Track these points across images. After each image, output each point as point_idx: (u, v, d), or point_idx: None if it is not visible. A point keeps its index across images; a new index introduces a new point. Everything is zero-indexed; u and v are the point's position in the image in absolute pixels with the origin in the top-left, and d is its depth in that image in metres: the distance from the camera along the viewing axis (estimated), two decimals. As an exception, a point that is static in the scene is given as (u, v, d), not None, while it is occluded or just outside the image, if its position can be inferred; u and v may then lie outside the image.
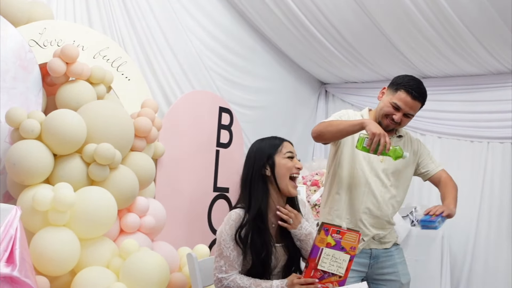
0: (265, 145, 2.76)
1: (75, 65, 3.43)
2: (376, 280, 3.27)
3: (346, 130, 3.04)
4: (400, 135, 3.37)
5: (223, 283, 2.60)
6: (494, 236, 5.11)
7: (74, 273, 3.13)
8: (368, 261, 3.26)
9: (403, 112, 3.17)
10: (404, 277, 3.33)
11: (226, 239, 2.62)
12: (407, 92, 3.15)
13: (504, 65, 4.98)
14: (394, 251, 3.35)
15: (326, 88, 6.38)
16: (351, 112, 3.36)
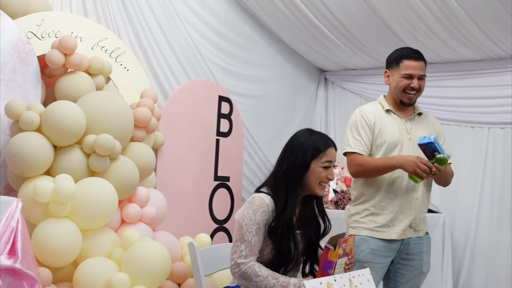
0: (310, 145, 2.73)
1: (74, 56, 3.43)
2: (399, 264, 3.35)
3: (385, 172, 3.23)
4: (420, 113, 3.49)
5: (240, 268, 2.59)
6: (495, 221, 5.10)
7: (76, 264, 3.15)
8: (399, 247, 3.32)
9: (417, 76, 3.33)
10: (426, 266, 3.41)
11: (249, 224, 2.61)
12: (409, 58, 3.34)
13: (504, 50, 4.96)
14: (424, 240, 3.42)
15: (325, 76, 6.36)
16: (367, 107, 3.45)
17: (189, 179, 4.41)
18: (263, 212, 2.62)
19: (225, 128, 4.77)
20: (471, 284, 5.17)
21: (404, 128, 3.36)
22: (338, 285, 2.22)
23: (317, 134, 2.80)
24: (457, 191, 5.32)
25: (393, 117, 3.38)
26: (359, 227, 3.31)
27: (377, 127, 3.32)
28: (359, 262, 3.22)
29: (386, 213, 3.29)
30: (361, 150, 3.29)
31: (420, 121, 3.45)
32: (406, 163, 3.09)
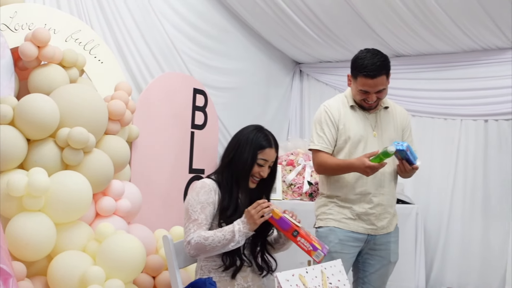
0: (255, 141, 2.93)
1: (47, 48, 3.40)
2: (367, 254, 3.39)
3: (345, 173, 3.28)
4: (386, 106, 3.45)
5: (190, 242, 2.75)
6: (467, 212, 5.18)
7: (50, 258, 3.13)
8: (367, 237, 3.35)
9: (373, 92, 3.25)
10: (394, 256, 3.46)
11: (193, 204, 2.82)
12: (364, 76, 3.20)
13: (477, 43, 5.02)
14: (392, 231, 3.46)
15: (300, 68, 6.38)
16: (332, 103, 3.43)
17: (164, 172, 4.41)
18: (205, 192, 2.83)
19: (200, 120, 4.77)
20: (444, 275, 5.24)
21: (368, 124, 3.36)
22: (310, 277, 2.25)
23: (263, 131, 3.01)
24: (430, 182, 5.39)
25: (357, 112, 3.37)
26: (327, 218, 3.35)
27: (342, 123, 3.33)
28: (328, 253, 3.26)
29: (353, 208, 3.32)
30: (324, 148, 3.32)
31: (386, 116, 3.43)
32: (358, 168, 3.14)
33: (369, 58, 3.22)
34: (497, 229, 5.03)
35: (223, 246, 2.72)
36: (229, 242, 2.71)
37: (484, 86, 5.16)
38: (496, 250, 5.01)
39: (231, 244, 2.71)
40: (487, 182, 5.11)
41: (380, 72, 3.19)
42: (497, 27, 4.65)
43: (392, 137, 3.38)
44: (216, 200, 2.87)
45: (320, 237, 3.31)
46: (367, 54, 3.25)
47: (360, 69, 3.21)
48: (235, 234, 2.71)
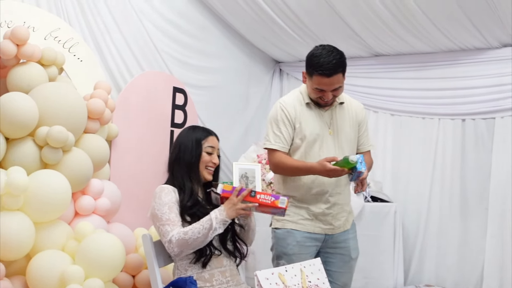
0: (194, 136, 3.05)
1: (26, 46, 3.38)
2: (327, 253, 3.35)
3: (303, 174, 3.23)
4: (342, 102, 3.37)
5: (171, 241, 2.77)
6: (445, 211, 5.23)
7: (29, 257, 3.11)
8: (324, 237, 3.33)
9: (328, 90, 3.16)
10: (354, 251, 3.43)
11: (160, 208, 2.86)
12: (320, 75, 3.10)
13: (455, 43, 5.07)
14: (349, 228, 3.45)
15: (280, 67, 6.39)
16: (287, 100, 3.35)
17: (143, 171, 4.40)
18: (166, 193, 2.90)
19: (180, 119, 4.77)
20: (422, 272, 5.29)
21: (324, 122, 3.29)
22: (289, 275, 2.26)
23: (199, 127, 3.16)
24: (408, 181, 5.43)
25: (313, 110, 3.30)
26: (284, 220, 3.29)
27: (298, 122, 3.26)
28: (286, 255, 3.25)
29: (310, 208, 3.29)
30: (281, 147, 3.25)
31: (341, 112, 3.36)
32: (320, 172, 3.09)
33: (324, 56, 3.10)
34: (475, 227, 5.08)
35: (204, 236, 2.75)
36: (208, 231, 2.74)
37: (461, 85, 5.21)
38: (474, 248, 5.07)
39: (210, 232, 2.74)
40: (464, 181, 5.17)
41: (336, 71, 3.09)
42: (475, 28, 4.70)
43: (348, 134, 3.35)
44: (178, 199, 2.92)
45: (278, 238, 3.31)
46: (323, 52, 3.14)
47: (316, 68, 3.10)
48: (212, 222, 2.75)
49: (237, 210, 2.78)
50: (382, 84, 5.64)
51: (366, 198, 5.09)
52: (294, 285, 2.26)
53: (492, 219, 4.93)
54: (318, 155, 3.24)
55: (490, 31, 4.75)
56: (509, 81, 4.93)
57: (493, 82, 5.03)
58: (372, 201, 5.12)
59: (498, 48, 5.02)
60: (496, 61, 5.04)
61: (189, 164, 3.01)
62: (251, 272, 4.58)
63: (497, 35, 4.81)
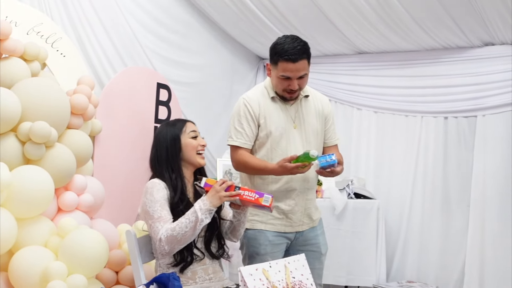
0: (171, 128, 3.04)
1: (8, 41, 3.35)
2: (298, 251, 3.27)
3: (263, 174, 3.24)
4: (307, 95, 3.37)
5: (161, 240, 2.74)
6: (427, 208, 5.26)
7: (11, 253, 3.09)
8: (294, 235, 3.35)
9: (295, 77, 3.15)
10: (324, 247, 3.44)
11: (151, 205, 2.83)
12: (285, 60, 3.11)
13: (437, 41, 5.10)
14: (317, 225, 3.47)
15: (264, 63, 6.39)
16: (251, 95, 3.33)
17: (127, 167, 4.38)
18: (158, 190, 2.87)
19: (164, 115, 4.76)
20: (404, 268, 5.33)
21: (289, 115, 3.28)
22: (273, 271, 2.26)
23: (172, 120, 3.16)
24: (391, 177, 5.47)
25: (279, 104, 3.28)
26: (253, 220, 3.28)
27: (262, 117, 3.24)
28: (259, 255, 3.24)
29: (280, 206, 3.27)
30: (242, 144, 3.24)
31: (307, 105, 3.34)
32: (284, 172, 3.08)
33: (289, 43, 3.13)
34: (456, 223, 5.12)
35: (192, 230, 2.72)
36: (195, 224, 2.72)
37: (444, 84, 5.25)
38: (455, 244, 5.11)
39: (197, 224, 2.72)
40: (446, 178, 5.21)
41: (301, 56, 3.10)
42: (457, 26, 4.73)
43: (314, 127, 3.34)
44: (169, 196, 2.90)
45: (249, 238, 3.29)
46: (286, 39, 3.17)
47: (281, 54, 3.12)
48: (197, 213, 2.72)
49: (221, 198, 2.77)
50: (365, 82, 5.67)
51: (350, 195, 5.11)
52: (278, 280, 2.27)
53: (474, 216, 4.97)
54: (285, 150, 3.24)
55: (472, 30, 4.79)
56: (491, 80, 4.98)
57: (475, 80, 5.07)
58: (355, 197, 5.15)
59: (480, 47, 5.06)
60: (478, 60, 5.08)
61: (173, 158, 2.99)
62: (235, 268, 4.58)
63: (479, 34, 4.84)
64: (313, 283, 2.35)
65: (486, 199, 4.91)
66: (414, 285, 4.94)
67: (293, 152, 3.16)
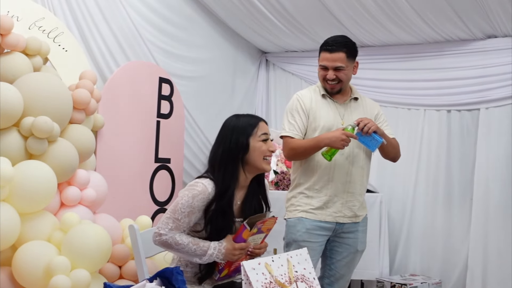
0: (241, 125, 2.79)
1: (10, 36, 3.35)
2: (335, 242, 3.46)
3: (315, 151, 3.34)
4: (356, 97, 3.55)
5: (161, 238, 2.63)
6: (430, 201, 5.25)
7: (15, 248, 3.11)
8: (334, 226, 3.42)
9: (331, 68, 3.39)
10: (361, 245, 3.53)
11: (184, 205, 2.63)
12: (324, 50, 3.44)
13: (440, 34, 5.08)
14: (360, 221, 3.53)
15: (266, 57, 6.38)
16: (304, 92, 3.56)
17: (129, 161, 4.39)
18: (202, 199, 2.65)
19: (166, 109, 4.76)
20: (407, 262, 5.32)
21: (338, 113, 3.45)
22: (276, 265, 2.26)
23: (245, 115, 2.89)
24: (394, 171, 5.45)
25: (328, 102, 3.48)
26: (295, 210, 3.43)
27: (312, 112, 3.43)
28: (296, 242, 3.36)
29: (320, 196, 3.40)
30: (294, 134, 3.40)
31: (356, 106, 3.53)
32: (333, 141, 3.21)
33: (333, 37, 3.48)
34: (459, 216, 5.11)
35: (188, 256, 2.65)
36: (195, 257, 2.63)
37: (447, 77, 5.23)
38: (458, 237, 5.10)
39: (196, 258, 2.64)
40: (449, 171, 5.19)
41: (338, 48, 3.39)
42: (459, 18, 4.71)
43: None
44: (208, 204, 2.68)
45: (289, 226, 3.43)
46: (334, 35, 3.51)
47: (322, 45, 3.46)
48: (205, 256, 2.62)
49: (233, 257, 2.64)
50: (368, 75, 5.64)
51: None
52: (280, 275, 2.26)
53: (476, 209, 4.96)
54: None
55: (474, 22, 4.77)
56: (494, 72, 4.95)
57: (478, 73, 5.05)
58: (358, 191, 5.14)
59: (483, 39, 5.04)
60: (481, 53, 5.06)
61: (233, 162, 2.74)
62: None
63: (481, 26, 4.82)
64: (316, 277, 2.35)
65: (489, 192, 4.89)
66: (417, 278, 4.94)
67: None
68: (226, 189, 2.69)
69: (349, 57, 3.41)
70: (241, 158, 2.74)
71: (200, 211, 2.67)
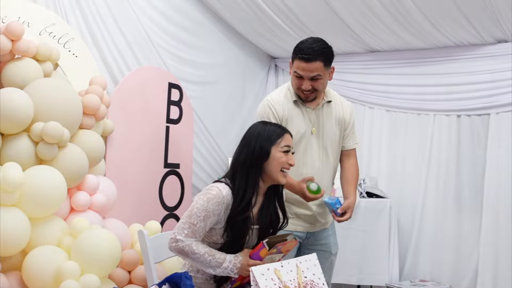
0: (267, 133, 2.77)
1: (21, 42, 3.37)
2: (308, 250, 3.33)
3: None
4: (329, 100, 3.37)
5: (178, 244, 2.62)
6: (440, 206, 5.23)
7: (25, 253, 3.12)
8: (306, 234, 3.36)
9: (307, 78, 3.16)
10: (334, 247, 3.46)
11: (200, 209, 2.62)
12: (299, 59, 3.14)
13: (450, 39, 5.08)
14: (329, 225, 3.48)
15: (275, 62, 6.39)
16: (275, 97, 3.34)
17: (139, 166, 4.40)
18: (217, 203, 2.63)
19: (175, 115, 4.77)
20: (417, 268, 5.31)
21: (308, 120, 3.29)
22: (285, 271, 2.27)
23: (272, 123, 2.86)
24: (403, 176, 5.44)
25: (300, 108, 3.30)
26: None
27: (285, 120, 3.24)
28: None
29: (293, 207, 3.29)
30: None
31: (328, 111, 3.36)
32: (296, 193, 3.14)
33: (309, 42, 3.16)
34: (469, 222, 5.09)
35: (203, 266, 2.64)
36: (210, 268, 2.63)
37: (456, 81, 5.22)
38: (468, 243, 5.08)
39: (210, 269, 2.63)
40: (459, 177, 5.18)
41: (315, 57, 3.10)
42: (469, 23, 4.71)
43: (332, 133, 3.35)
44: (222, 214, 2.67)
45: None
46: (309, 39, 3.20)
47: (297, 52, 3.16)
48: (219, 268, 2.61)
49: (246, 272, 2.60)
50: (377, 80, 5.64)
51: (362, 194, 5.10)
52: (289, 280, 2.27)
53: (487, 215, 4.94)
54: (303, 155, 3.26)
55: (484, 27, 4.76)
56: (504, 77, 4.94)
57: (488, 78, 5.04)
58: (367, 196, 5.13)
59: (492, 44, 5.03)
60: (491, 57, 5.05)
61: (253, 168, 2.72)
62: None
63: (491, 31, 4.81)
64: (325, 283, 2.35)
65: (500, 198, 4.87)
66: (427, 284, 4.93)
67: (309, 157, 3.24)
68: (244, 193, 2.68)
69: (326, 65, 3.17)
70: (260, 165, 2.73)
71: (215, 215, 2.64)
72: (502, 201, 4.85)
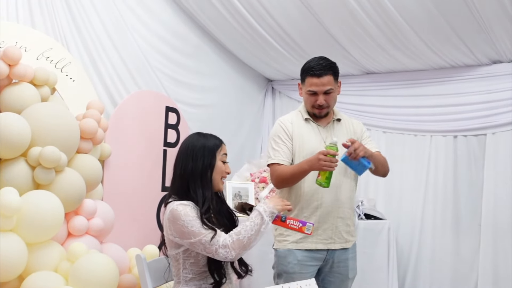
0: (210, 143, 2.86)
1: (18, 67, 3.38)
2: (326, 272, 3.35)
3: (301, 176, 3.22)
4: (339, 119, 3.46)
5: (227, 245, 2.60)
6: (438, 227, 5.24)
7: (22, 278, 3.10)
8: (325, 256, 3.33)
9: (321, 92, 3.29)
10: (352, 271, 3.42)
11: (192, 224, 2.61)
12: (310, 75, 3.30)
13: (445, 60, 5.11)
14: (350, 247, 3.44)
15: (272, 85, 6.42)
16: (286, 117, 3.47)
17: (136, 190, 4.39)
18: (191, 209, 2.65)
19: (173, 138, 4.77)
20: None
21: (321, 137, 3.35)
22: (285, 294, 2.26)
23: (208, 134, 2.96)
24: (401, 197, 5.45)
25: (311, 125, 3.38)
26: (284, 240, 3.31)
27: (296, 137, 3.34)
28: (287, 273, 3.27)
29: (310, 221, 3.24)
30: (280, 160, 3.30)
31: (339, 128, 3.43)
32: (312, 163, 3.10)
33: (316, 60, 3.34)
34: (467, 242, 5.09)
35: (256, 233, 2.63)
36: (260, 226, 2.63)
37: (452, 102, 5.25)
38: (467, 263, 5.07)
39: (262, 227, 2.64)
40: (457, 197, 5.18)
41: (326, 72, 3.28)
42: (464, 45, 4.74)
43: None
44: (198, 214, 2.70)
45: (279, 257, 3.32)
46: (314, 58, 3.37)
47: (307, 70, 3.33)
48: (262, 215, 2.65)
49: (281, 206, 2.73)
50: (373, 102, 5.67)
51: (360, 216, 5.09)
52: (289, 303, 2.26)
53: (485, 235, 4.94)
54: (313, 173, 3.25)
55: (479, 48, 4.80)
56: (500, 98, 4.98)
57: (483, 98, 5.07)
58: (366, 218, 5.12)
59: (488, 65, 5.07)
60: (486, 78, 5.09)
61: (204, 174, 2.78)
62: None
63: (486, 52, 4.85)
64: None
65: (498, 217, 4.88)
66: (427, 305, 4.91)
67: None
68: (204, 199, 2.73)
69: (335, 79, 3.33)
70: (210, 174, 2.80)
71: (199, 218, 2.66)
72: (500, 221, 4.86)
